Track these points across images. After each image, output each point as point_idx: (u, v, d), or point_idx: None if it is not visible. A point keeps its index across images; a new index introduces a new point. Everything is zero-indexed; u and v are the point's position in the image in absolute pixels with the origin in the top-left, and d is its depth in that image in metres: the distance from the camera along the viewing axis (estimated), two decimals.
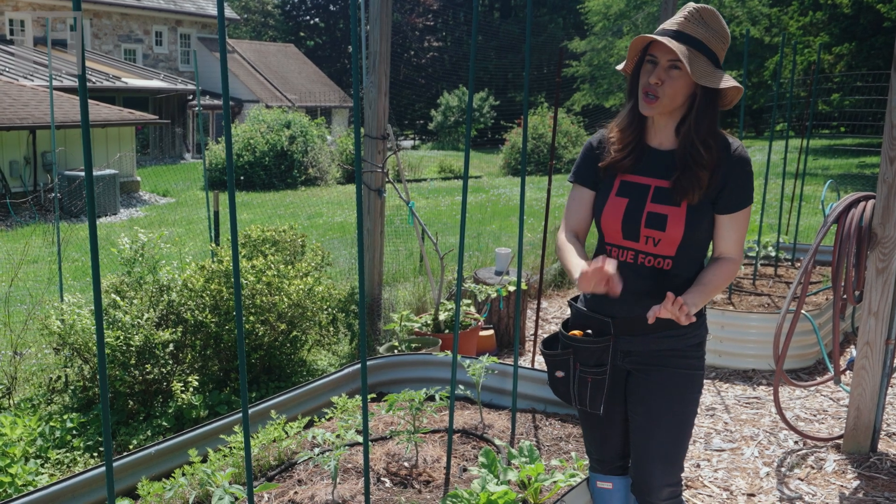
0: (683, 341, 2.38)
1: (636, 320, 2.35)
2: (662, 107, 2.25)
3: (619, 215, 2.34)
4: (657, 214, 2.29)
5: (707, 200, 2.28)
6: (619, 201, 2.35)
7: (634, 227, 2.32)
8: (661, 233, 2.28)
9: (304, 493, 3.14)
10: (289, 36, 44.84)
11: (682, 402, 2.39)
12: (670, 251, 2.30)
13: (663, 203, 2.29)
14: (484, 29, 35.41)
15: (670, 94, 2.23)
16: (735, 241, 2.32)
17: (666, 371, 2.38)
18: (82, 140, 1.73)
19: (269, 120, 20.00)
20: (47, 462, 3.82)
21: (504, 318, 5.95)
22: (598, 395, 2.42)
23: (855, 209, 4.02)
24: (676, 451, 2.43)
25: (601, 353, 2.39)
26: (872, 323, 3.94)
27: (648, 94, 2.24)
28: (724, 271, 2.31)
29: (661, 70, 2.22)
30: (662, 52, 2.23)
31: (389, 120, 5.49)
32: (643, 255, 2.33)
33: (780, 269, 7.22)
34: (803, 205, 9.47)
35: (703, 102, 2.24)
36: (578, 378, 2.43)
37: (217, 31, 31.29)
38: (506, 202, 15.16)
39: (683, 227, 2.27)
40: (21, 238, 11.77)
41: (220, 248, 4.96)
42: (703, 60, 2.23)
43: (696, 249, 2.34)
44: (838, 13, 23.04)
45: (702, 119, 2.25)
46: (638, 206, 2.32)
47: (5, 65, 19.85)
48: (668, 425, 2.39)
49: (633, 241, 2.33)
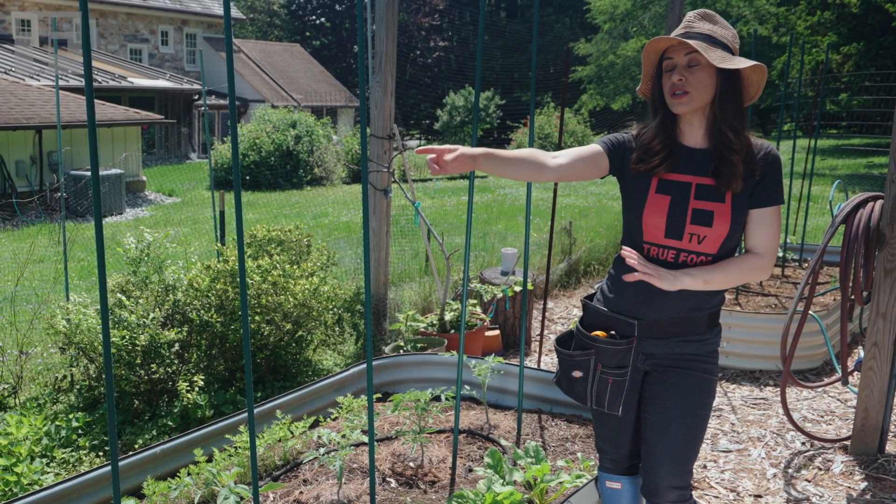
0: (705, 346, 2.38)
1: (663, 324, 2.34)
2: (694, 101, 2.24)
3: (664, 212, 2.29)
4: (703, 211, 2.26)
5: (745, 195, 2.27)
6: (661, 199, 2.30)
7: (679, 225, 2.28)
8: (708, 229, 2.26)
9: (309, 492, 3.14)
10: (294, 36, 44.87)
11: (696, 406, 2.38)
12: (713, 249, 2.28)
13: (707, 199, 2.27)
14: (490, 28, 35.38)
15: (698, 87, 2.23)
16: (766, 238, 2.29)
17: (684, 374, 2.37)
18: (89, 140, 1.73)
19: (275, 120, 20.01)
20: (53, 461, 3.82)
21: (510, 319, 5.93)
22: (618, 396, 2.41)
23: (863, 209, 4.00)
24: (686, 455, 2.41)
25: (623, 355, 2.38)
26: (880, 324, 3.92)
27: (676, 93, 2.24)
28: (746, 262, 2.29)
29: (682, 68, 2.24)
30: (677, 52, 2.25)
31: (395, 120, 5.48)
32: (685, 253, 2.30)
33: (787, 269, 7.19)
34: (811, 205, 9.43)
35: (725, 89, 2.25)
36: (598, 379, 2.42)
37: (222, 30, 31.37)
38: (512, 202, 15.15)
39: (730, 222, 2.25)
40: (27, 237, 11.80)
41: (225, 248, 4.96)
42: (719, 50, 2.24)
43: (733, 249, 2.35)
44: (846, 12, 22.95)
45: (726, 105, 2.25)
46: (681, 203, 2.28)
47: (11, 64, 19.91)
48: (681, 428, 2.38)
49: (677, 239, 2.29)
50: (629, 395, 2.43)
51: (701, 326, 2.37)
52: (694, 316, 2.35)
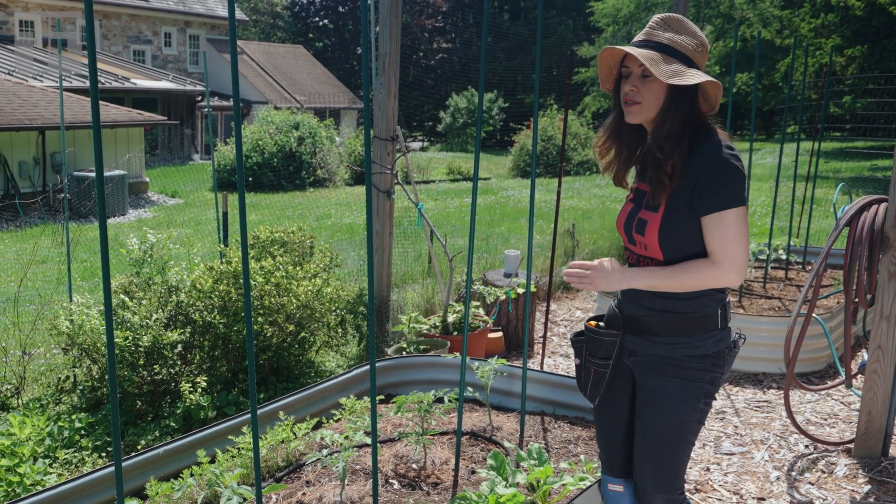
0: (681, 350, 2.35)
1: (639, 319, 2.42)
2: (645, 111, 2.29)
3: (623, 220, 2.48)
4: (641, 220, 2.37)
5: (680, 204, 2.27)
6: (627, 206, 2.48)
7: (629, 232, 2.43)
8: (643, 238, 2.36)
9: (312, 494, 3.14)
10: (298, 37, 44.93)
11: (674, 412, 2.36)
12: (657, 254, 2.35)
13: (647, 209, 2.36)
14: (493, 30, 35.39)
15: (649, 98, 2.27)
16: (719, 245, 2.24)
17: (661, 379, 2.38)
18: (93, 142, 1.73)
19: (278, 121, 20.03)
20: (56, 462, 3.82)
21: (513, 321, 5.93)
22: (598, 386, 2.52)
23: (867, 212, 4.00)
24: (669, 460, 2.41)
25: (608, 347, 2.48)
26: (884, 327, 3.91)
27: (627, 103, 2.31)
28: (696, 268, 2.26)
29: (635, 78, 2.29)
30: (633, 61, 2.29)
31: (398, 121, 5.48)
32: (641, 258, 2.42)
33: (790, 272, 7.18)
34: (814, 208, 9.42)
35: (668, 105, 2.26)
36: (584, 367, 2.55)
37: (225, 31, 31.41)
38: (515, 204, 15.14)
39: (657, 232, 2.31)
40: (30, 238, 11.82)
41: (228, 249, 4.96)
42: (674, 62, 2.25)
43: (688, 253, 2.31)
44: (850, 15, 22.94)
45: (663, 121, 2.27)
46: (635, 211, 2.42)
47: (13, 65, 19.95)
48: (658, 433, 2.40)
49: (632, 244, 2.44)
50: (609, 387, 2.52)
51: (678, 329, 2.35)
52: (665, 316, 2.35)
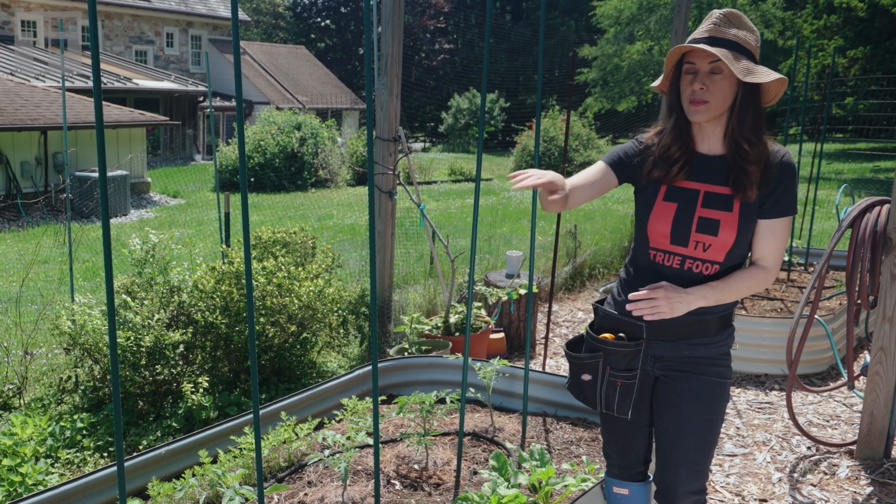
0: (715, 349, 2.36)
1: (671, 325, 2.33)
2: (712, 111, 2.23)
3: (669, 220, 2.31)
4: (709, 219, 2.27)
5: (755, 205, 2.26)
6: (667, 206, 2.32)
7: (684, 232, 2.29)
8: (713, 237, 2.26)
9: (314, 494, 3.13)
10: (300, 38, 44.96)
11: (711, 411, 2.37)
12: (719, 256, 2.28)
13: (714, 208, 2.27)
14: (495, 31, 35.38)
15: (718, 97, 2.21)
16: (773, 250, 2.28)
17: (696, 378, 2.36)
18: (97, 143, 1.73)
19: (280, 122, 20.02)
20: (57, 462, 3.82)
21: (515, 322, 5.93)
22: (627, 399, 2.41)
23: (869, 214, 3.99)
24: (702, 459, 2.40)
25: (632, 358, 2.38)
26: (887, 328, 3.90)
27: (696, 102, 2.22)
28: (752, 276, 2.29)
29: (703, 75, 2.21)
30: (701, 58, 2.22)
31: (400, 122, 5.48)
32: (691, 260, 2.30)
33: (793, 273, 7.17)
34: (817, 209, 9.41)
35: (744, 100, 2.22)
36: (607, 382, 2.41)
37: (227, 32, 31.39)
38: (517, 205, 15.14)
39: (736, 231, 2.25)
40: (32, 238, 11.82)
41: (230, 250, 4.96)
42: (742, 59, 2.21)
43: (741, 256, 2.33)
44: (853, 16, 22.92)
45: (744, 116, 2.23)
46: (688, 210, 2.30)
47: (14, 65, 19.96)
48: (696, 433, 2.37)
49: (682, 246, 2.30)
50: (638, 398, 2.43)
51: (711, 329, 2.35)
52: (703, 319, 2.33)
